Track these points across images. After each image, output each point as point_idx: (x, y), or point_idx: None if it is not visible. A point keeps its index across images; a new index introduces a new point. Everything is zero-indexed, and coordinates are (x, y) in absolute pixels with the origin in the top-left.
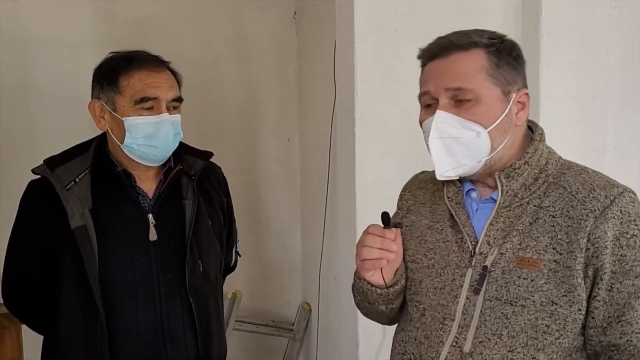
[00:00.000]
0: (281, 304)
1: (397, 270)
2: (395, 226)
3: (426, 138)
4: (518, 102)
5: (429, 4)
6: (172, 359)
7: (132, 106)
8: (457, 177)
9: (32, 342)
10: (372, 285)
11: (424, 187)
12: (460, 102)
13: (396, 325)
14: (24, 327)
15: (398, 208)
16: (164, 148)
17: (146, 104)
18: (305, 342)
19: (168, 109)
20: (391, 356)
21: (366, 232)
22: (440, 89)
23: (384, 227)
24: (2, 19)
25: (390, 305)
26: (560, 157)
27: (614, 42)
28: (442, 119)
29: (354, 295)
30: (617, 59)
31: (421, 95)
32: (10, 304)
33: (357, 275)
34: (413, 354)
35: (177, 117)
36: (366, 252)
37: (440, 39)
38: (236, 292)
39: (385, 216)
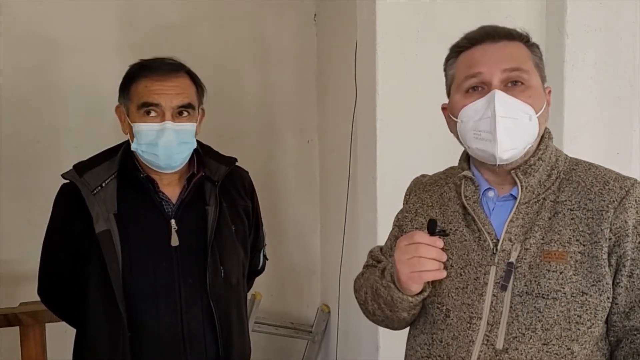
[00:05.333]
0: (300, 305)
1: None
2: (441, 234)
3: (464, 123)
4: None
5: (451, 4)
6: None
7: (137, 111)
8: (508, 161)
9: (55, 341)
10: (402, 293)
11: (429, 190)
12: (513, 85)
13: (409, 330)
14: (47, 325)
15: (405, 211)
16: (165, 156)
17: (148, 109)
18: (324, 344)
19: (174, 116)
20: None
21: (416, 242)
22: (496, 69)
23: (431, 235)
24: (25, 22)
25: (413, 311)
26: (566, 155)
27: None
28: (502, 98)
29: (364, 302)
30: None
31: (468, 78)
32: (45, 298)
33: (381, 283)
34: (440, 356)
35: (184, 126)
36: (425, 263)
37: (481, 27)
38: (255, 293)
39: (432, 223)
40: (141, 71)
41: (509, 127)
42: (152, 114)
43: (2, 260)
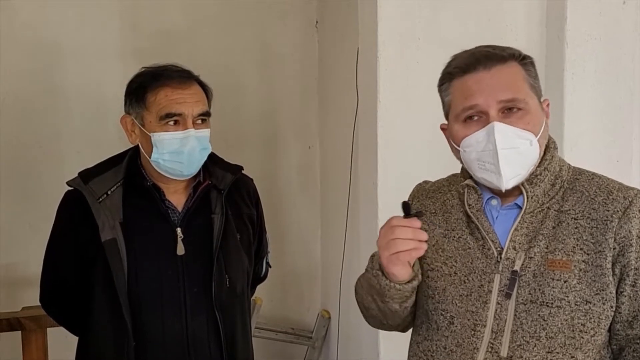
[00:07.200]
0: (300, 311)
1: (413, 264)
2: (417, 214)
3: (468, 153)
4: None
5: (452, 12)
6: None
7: (158, 122)
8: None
9: (57, 345)
10: (390, 280)
11: (432, 196)
12: (509, 113)
13: (411, 336)
14: (49, 330)
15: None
16: (190, 163)
17: (171, 119)
18: (324, 350)
19: (195, 124)
20: None
21: (392, 225)
22: (492, 101)
23: (406, 217)
24: (28, 26)
25: (404, 304)
26: (570, 165)
27: None
28: (502, 130)
29: (361, 298)
30: None
31: (465, 109)
32: (47, 305)
33: (371, 273)
34: None
35: (203, 132)
36: (400, 244)
37: (472, 52)
38: (256, 298)
39: (406, 205)
40: (157, 80)
41: (511, 158)
42: (175, 123)
43: (4, 265)
